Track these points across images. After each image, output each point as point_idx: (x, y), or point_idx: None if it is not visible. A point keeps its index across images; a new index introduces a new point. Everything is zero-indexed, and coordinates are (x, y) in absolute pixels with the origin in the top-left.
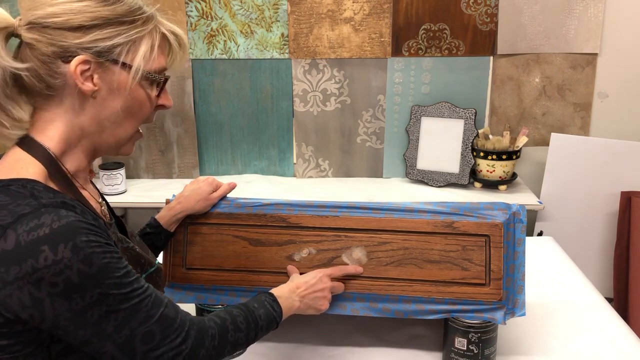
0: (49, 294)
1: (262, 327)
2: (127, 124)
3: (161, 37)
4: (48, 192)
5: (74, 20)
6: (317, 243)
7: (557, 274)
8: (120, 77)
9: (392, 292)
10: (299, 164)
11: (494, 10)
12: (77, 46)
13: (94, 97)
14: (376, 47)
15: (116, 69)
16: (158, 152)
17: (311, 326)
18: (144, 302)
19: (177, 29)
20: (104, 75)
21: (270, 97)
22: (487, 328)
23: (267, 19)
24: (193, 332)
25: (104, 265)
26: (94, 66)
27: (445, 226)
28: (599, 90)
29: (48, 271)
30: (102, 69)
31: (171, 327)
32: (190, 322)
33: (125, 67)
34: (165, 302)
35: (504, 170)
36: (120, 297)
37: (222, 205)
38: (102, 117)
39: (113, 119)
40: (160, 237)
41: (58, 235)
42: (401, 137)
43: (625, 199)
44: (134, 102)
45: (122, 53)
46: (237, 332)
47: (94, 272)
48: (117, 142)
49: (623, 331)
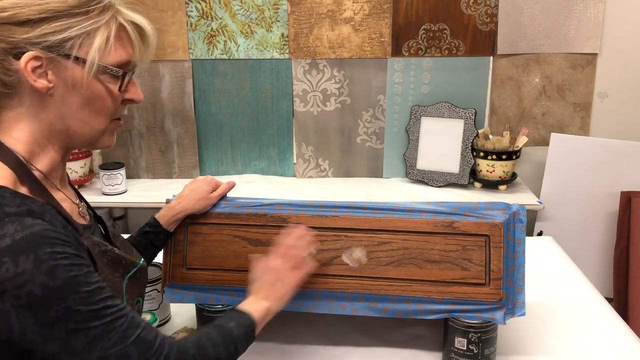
0: (13, 305)
1: (239, 338)
2: (92, 120)
3: (119, 27)
4: (15, 198)
5: (21, 14)
6: (317, 243)
7: (557, 274)
8: (74, 72)
9: (392, 292)
10: (299, 164)
11: (494, 10)
12: (25, 41)
13: (51, 94)
14: (376, 47)
15: (69, 64)
16: (158, 152)
17: (311, 326)
18: (117, 322)
19: (139, 18)
20: (57, 71)
21: (270, 97)
22: (487, 328)
23: (267, 19)
24: (173, 354)
25: (69, 279)
26: (46, 62)
27: (445, 226)
28: (599, 90)
29: (10, 283)
30: (54, 65)
31: (149, 349)
32: (170, 345)
33: (79, 62)
34: (142, 325)
35: (503, 170)
36: (89, 314)
37: (222, 205)
38: (65, 114)
39: (76, 115)
40: (160, 237)
41: (20, 246)
42: (401, 137)
43: (625, 199)
44: (93, 97)
45: (74, 47)
46: (215, 347)
47: (58, 286)
48: (89, 138)
49: (623, 331)
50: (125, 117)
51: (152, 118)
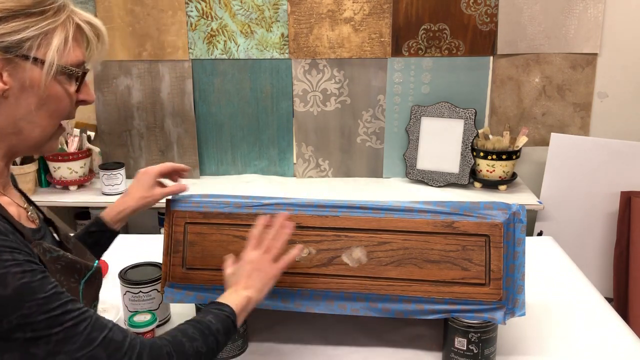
0: None
1: (219, 330)
2: (45, 123)
3: (75, 27)
4: None
5: None
6: (317, 243)
7: (557, 274)
8: (32, 73)
9: (392, 292)
10: (299, 164)
11: (494, 10)
12: None
13: (5, 96)
14: (376, 47)
15: (27, 65)
16: (158, 152)
17: (311, 326)
18: (80, 326)
19: (94, 18)
20: (14, 73)
21: (270, 97)
22: (487, 328)
23: (267, 19)
24: (145, 353)
25: (21, 286)
26: (2, 63)
27: (445, 226)
28: (599, 90)
29: None
30: (11, 66)
31: (119, 350)
32: (142, 344)
33: (38, 63)
34: (109, 326)
35: (503, 170)
36: (48, 321)
37: (222, 205)
38: (18, 117)
39: (29, 118)
40: (105, 235)
41: None
42: (401, 137)
43: (625, 199)
44: (50, 99)
45: (32, 47)
46: (192, 341)
47: (9, 294)
48: (37, 142)
49: (623, 331)
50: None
51: (152, 118)
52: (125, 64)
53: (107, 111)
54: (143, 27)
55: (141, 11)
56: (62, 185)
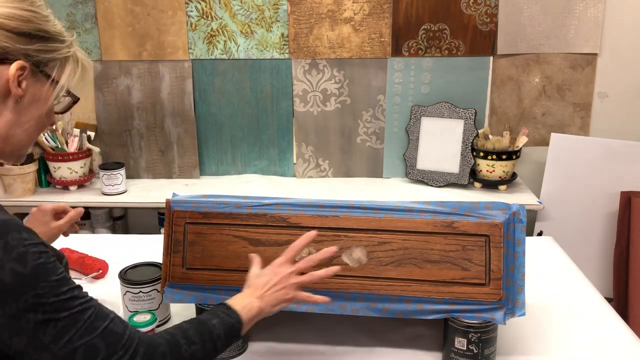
0: None
1: (220, 336)
2: (35, 133)
3: (76, 60)
4: None
5: (24, 27)
6: (317, 243)
7: (557, 274)
8: (43, 89)
9: (392, 292)
10: (299, 164)
11: (494, 10)
12: (21, 51)
13: (17, 102)
14: (376, 47)
15: (46, 82)
16: (158, 152)
17: (311, 326)
18: (86, 313)
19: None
20: (32, 84)
21: (270, 97)
22: (487, 328)
23: (267, 19)
24: (142, 349)
25: (39, 266)
26: (28, 74)
27: (445, 226)
28: (599, 90)
29: None
30: (34, 79)
31: (118, 342)
32: (140, 339)
33: (53, 83)
34: (111, 317)
35: (503, 170)
36: (58, 304)
37: (222, 205)
38: (17, 124)
39: (26, 126)
40: None
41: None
42: (401, 137)
43: (625, 199)
44: (46, 114)
45: (54, 68)
46: (190, 345)
47: (28, 272)
48: (22, 148)
49: (623, 331)
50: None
51: (152, 118)
52: (125, 64)
53: (107, 111)
54: (143, 27)
55: (141, 11)
56: (62, 185)
